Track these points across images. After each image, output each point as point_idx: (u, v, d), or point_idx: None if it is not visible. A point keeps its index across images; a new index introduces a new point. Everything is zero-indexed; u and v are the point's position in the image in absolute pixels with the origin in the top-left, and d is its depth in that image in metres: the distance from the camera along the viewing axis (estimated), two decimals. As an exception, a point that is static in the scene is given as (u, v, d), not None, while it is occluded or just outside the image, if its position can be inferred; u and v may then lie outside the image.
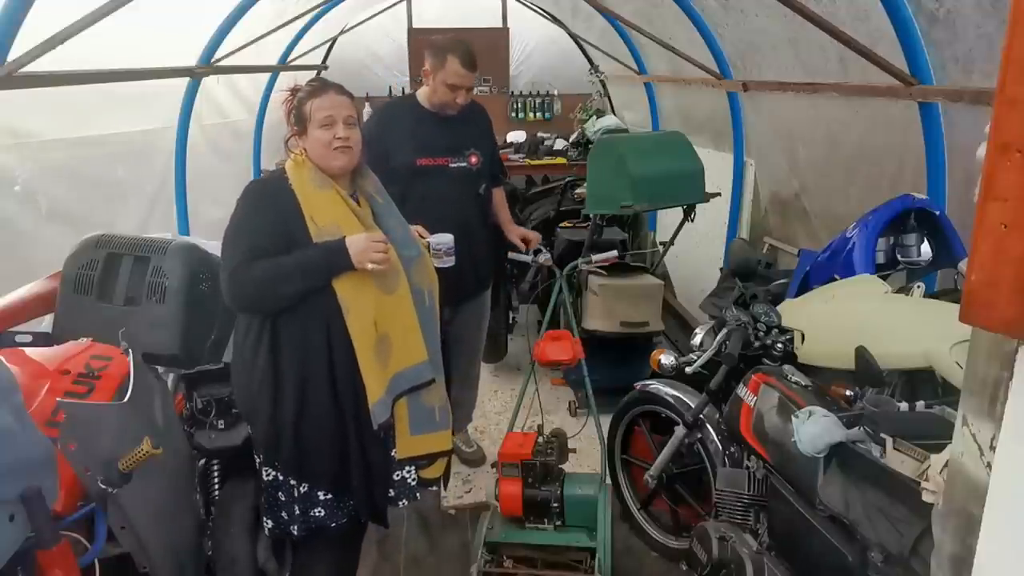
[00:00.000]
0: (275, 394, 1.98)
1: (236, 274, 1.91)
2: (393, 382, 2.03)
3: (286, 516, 2.07)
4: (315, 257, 1.92)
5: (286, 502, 2.06)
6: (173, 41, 4.01)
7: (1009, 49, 0.76)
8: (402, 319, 2.04)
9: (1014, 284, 0.76)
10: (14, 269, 2.74)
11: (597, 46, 6.59)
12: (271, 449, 2.04)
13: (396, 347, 2.03)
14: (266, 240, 1.93)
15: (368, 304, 1.97)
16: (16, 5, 2.29)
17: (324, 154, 1.99)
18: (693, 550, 2.09)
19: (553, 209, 5.37)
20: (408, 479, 2.16)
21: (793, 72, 3.72)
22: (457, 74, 2.83)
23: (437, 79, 2.86)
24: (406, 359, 2.05)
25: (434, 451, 2.17)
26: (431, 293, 2.15)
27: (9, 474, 1.37)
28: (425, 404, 2.12)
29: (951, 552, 0.92)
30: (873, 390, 1.97)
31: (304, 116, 2.00)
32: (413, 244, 2.14)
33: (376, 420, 1.98)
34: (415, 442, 2.12)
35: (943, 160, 2.83)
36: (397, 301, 2.03)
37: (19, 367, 1.79)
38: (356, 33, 7.04)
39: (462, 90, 2.88)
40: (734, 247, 4.10)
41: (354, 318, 1.94)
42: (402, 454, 2.11)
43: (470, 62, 2.84)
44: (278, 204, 1.97)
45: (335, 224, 1.96)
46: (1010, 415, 0.80)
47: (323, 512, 2.07)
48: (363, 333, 1.95)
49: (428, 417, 2.13)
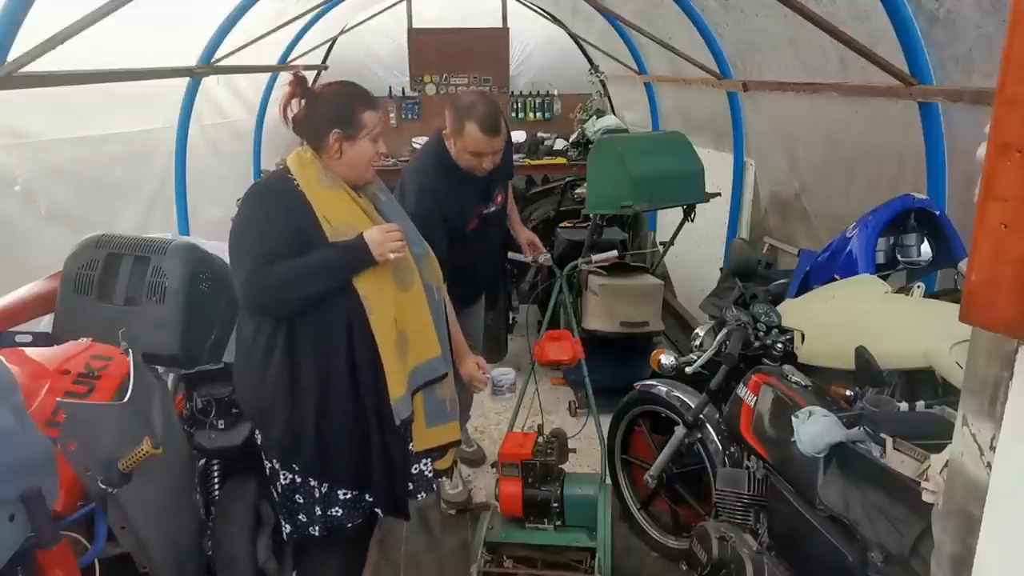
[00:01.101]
0: (293, 396, 1.97)
1: (253, 278, 1.89)
2: (411, 377, 2.05)
3: (305, 518, 2.07)
4: (335, 255, 1.92)
5: (305, 504, 2.06)
6: (173, 41, 4.01)
7: (1009, 49, 0.76)
8: (417, 315, 2.07)
9: (1014, 284, 0.76)
10: (14, 269, 2.74)
11: (597, 46, 6.59)
12: (289, 451, 2.02)
13: (413, 343, 2.05)
14: (280, 243, 1.91)
15: (388, 301, 1.99)
16: (16, 5, 2.29)
17: (364, 165, 2.03)
18: (693, 550, 2.09)
19: (553, 209, 5.38)
20: (425, 472, 2.18)
21: (793, 72, 3.72)
22: (478, 141, 2.58)
23: (458, 145, 2.63)
24: (422, 354, 2.08)
25: (447, 442, 2.20)
26: (439, 289, 2.19)
27: (9, 474, 1.37)
28: (438, 397, 2.15)
29: (951, 552, 0.92)
30: (873, 390, 1.97)
31: (359, 123, 1.99)
32: (420, 242, 2.16)
33: (399, 416, 2.00)
34: (430, 434, 2.14)
35: (943, 160, 2.83)
36: (412, 297, 2.05)
37: (19, 367, 1.79)
38: (356, 33, 7.03)
39: (488, 156, 2.63)
40: (734, 247, 4.10)
41: (377, 316, 1.95)
42: (419, 447, 2.12)
43: (492, 126, 2.55)
44: (288, 205, 1.95)
45: (348, 223, 1.97)
46: (1010, 415, 0.80)
47: (341, 512, 2.08)
48: (386, 331, 1.97)
49: (441, 409, 2.16)
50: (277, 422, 2.00)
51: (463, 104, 2.60)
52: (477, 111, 2.55)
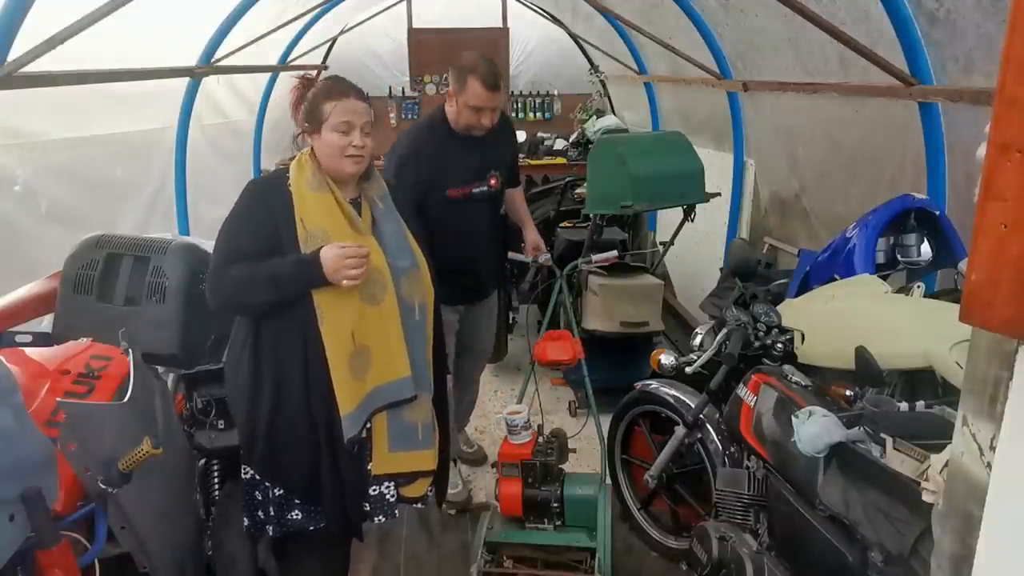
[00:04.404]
0: (253, 393, 1.97)
1: (214, 275, 1.92)
2: (369, 397, 1.95)
3: (262, 516, 2.06)
4: (288, 269, 1.87)
5: (262, 502, 2.05)
6: (173, 41, 4.01)
7: (1009, 49, 0.76)
8: (385, 332, 1.96)
9: (1014, 284, 0.76)
10: (14, 269, 2.74)
11: (597, 46, 6.59)
12: (247, 448, 2.03)
13: (376, 361, 1.95)
14: (247, 242, 1.91)
15: (347, 314, 1.91)
16: (16, 5, 2.29)
17: (336, 158, 1.96)
18: (693, 550, 2.09)
19: (553, 209, 5.38)
20: (387, 495, 2.06)
21: (793, 72, 3.72)
22: (479, 96, 2.71)
23: (460, 101, 2.75)
24: (386, 374, 1.97)
25: (414, 470, 2.07)
26: (423, 307, 2.06)
27: (9, 474, 1.37)
28: (406, 421, 2.03)
29: (951, 552, 0.92)
30: (873, 390, 1.97)
31: (319, 115, 1.95)
32: (407, 255, 2.05)
33: (346, 434, 1.91)
34: (393, 459, 2.03)
35: (943, 160, 2.83)
36: (381, 313, 1.95)
37: (19, 367, 1.79)
38: (356, 33, 7.03)
39: (487, 111, 2.76)
40: (734, 247, 4.09)
41: (329, 328, 1.88)
42: (378, 470, 2.02)
43: (493, 82, 2.70)
44: (270, 204, 1.95)
45: (323, 229, 1.92)
46: (1010, 415, 0.80)
47: (300, 515, 2.05)
48: (337, 344, 1.89)
49: (409, 434, 2.04)
50: (240, 417, 2.02)
51: (466, 62, 2.74)
52: (479, 68, 2.70)
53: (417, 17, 7.42)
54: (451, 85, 2.78)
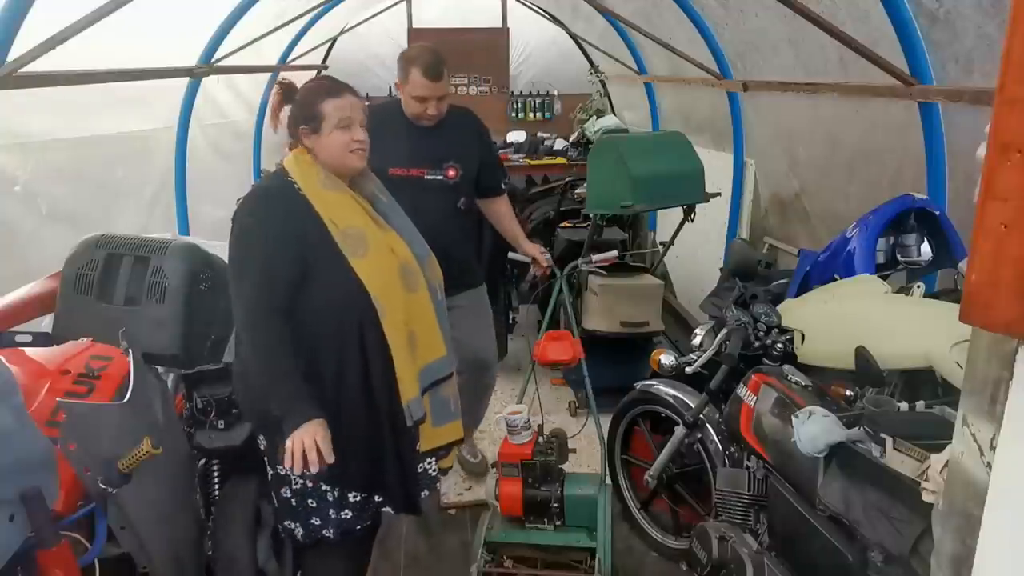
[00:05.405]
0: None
1: (256, 314, 1.87)
2: (420, 378, 2.05)
3: (319, 521, 2.06)
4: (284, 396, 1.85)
5: (318, 508, 2.05)
6: (173, 41, 4.01)
7: (1009, 49, 0.76)
8: (424, 315, 2.08)
9: (1014, 284, 0.76)
10: (14, 269, 2.74)
11: (597, 46, 6.59)
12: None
13: (421, 343, 2.06)
14: (282, 266, 1.87)
15: (399, 303, 1.99)
16: (16, 5, 2.30)
17: (341, 156, 1.97)
18: (693, 550, 2.09)
19: (553, 209, 5.38)
20: (430, 470, 2.19)
21: (793, 72, 3.72)
22: (422, 86, 2.72)
23: (405, 92, 2.77)
24: (430, 354, 2.09)
25: (451, 440, 2.21)
26: (441, 288, 2.20)
27: (9, 474, 1.38)
28: (442, 396, 2.16)
29: (951, 552, 0.92)
30: (873, 390, 1.97)
31: (318, 116, 1.95)
32: (420, 242, 2.15)
33: (413, 417, 1.99)
34: (436, 434, 2.15)
35: (943, 160, 2.82)
36: (419, 298, 2.06)
37: (19, 367, 1.79)
38: (356, 33, 7.03)
39: (431, 101, 2.76)
40: (734, 247, 4.09)
41: (390, 318, 1.95)
42: (426, 446, 2.13)
43: (435, 73, 2.71)
44: (290, 213, 1.90)
45: (354, 225, 1.94)
46: (1010, 415, 0.80)
47: (351, 514, 2.08)
48: (397, 332, 1.96)
49: (446, 408, 2.17)
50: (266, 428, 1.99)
51: (409, 55, 2.80)
52: (421, 58, 2.73)
53: (417, 17, 7.42)
54: (397, 77, 2.83)
